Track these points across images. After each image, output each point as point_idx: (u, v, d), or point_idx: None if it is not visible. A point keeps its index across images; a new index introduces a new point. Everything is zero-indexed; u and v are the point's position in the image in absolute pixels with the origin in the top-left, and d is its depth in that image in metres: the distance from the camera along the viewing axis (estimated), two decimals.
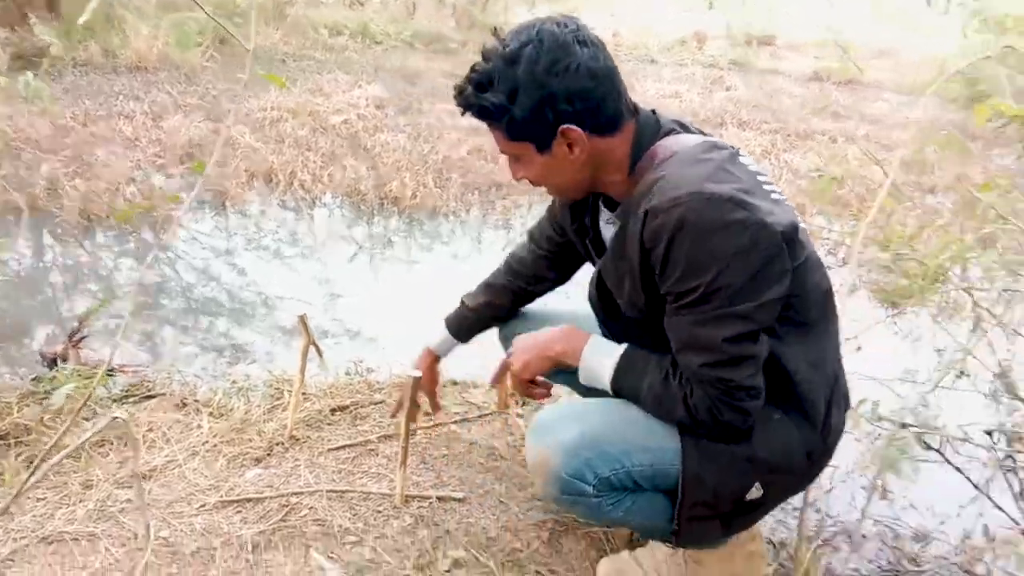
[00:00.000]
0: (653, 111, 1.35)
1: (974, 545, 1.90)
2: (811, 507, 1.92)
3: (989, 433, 2.39)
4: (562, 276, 1.75)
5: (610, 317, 1.45)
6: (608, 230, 1.45)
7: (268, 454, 1.92)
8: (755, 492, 1.31)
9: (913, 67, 7.84)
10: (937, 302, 2.21)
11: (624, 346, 1.37)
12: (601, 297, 1.44)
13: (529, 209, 4.15)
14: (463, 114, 1.30)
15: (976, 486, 2.19)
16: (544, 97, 1.22)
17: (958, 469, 2.25)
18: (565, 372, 1.47)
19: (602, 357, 1.37)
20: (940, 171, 4.93)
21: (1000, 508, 2.11)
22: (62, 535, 1.58)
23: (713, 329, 1.19)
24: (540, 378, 1.51)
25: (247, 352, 2.63)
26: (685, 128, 1.36)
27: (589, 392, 1.48)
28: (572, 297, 1.79)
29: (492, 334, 1.84)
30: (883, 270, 2.13)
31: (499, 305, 1.78)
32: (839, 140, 5.76)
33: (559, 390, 1.78)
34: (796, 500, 1.71)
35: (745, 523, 1.40)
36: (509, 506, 1.76)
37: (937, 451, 2.32)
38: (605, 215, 1.45)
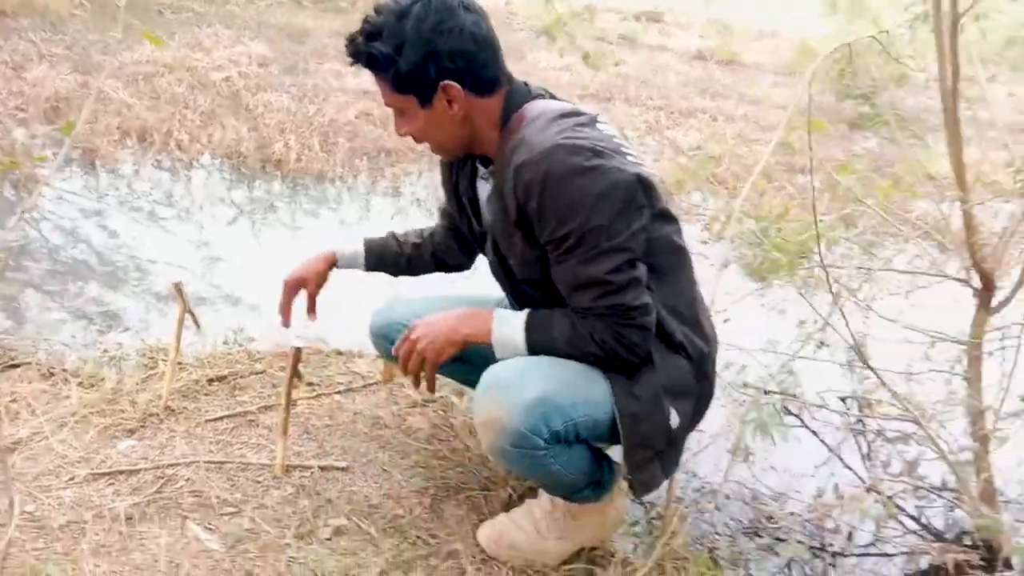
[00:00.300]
0: (525, 83, 1.47)
1: (825, 503, 2.05)
2: (679, 469, 2.04)
3: (843, 400, 2.60)
4: (468, 253, 1.81)
5: (513, 284, 1.53)
6: (484, 188, 1.55)
7: (142, 425, 1.86)
8: (675, 419, 1.41)
9: (792, 49, 8.20)
10: (803, 276, 2.36)
11: (526, 311, 1.45)
12: (501, 262, 1.51)
13: (419, 177, 4.12)
14: (352, 63, 1.39)
15: (830, 448, 2.38)
16: (428, 53, 1.32)
17: (814, 433, 2.43)
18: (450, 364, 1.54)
19: (510, 327, 1.43)
20: (809, 152, 5.21)
21: (850, 468, 2.30)
22: None
23: (595, 266, 1.31)
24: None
25: (119, 319, 2.52)
26: (552, 96, 1.48)
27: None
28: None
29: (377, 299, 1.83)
30: (753, 246, 2.26)
31: (419, 256, 1.83)
32: (719, 119, 5.99)
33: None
34: None
35: (674, 459, 1.51)
36: (392, 474, 1.78)
37: (796, 416, 2.50)
38: (481, 171, 1.56)
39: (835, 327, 2.18)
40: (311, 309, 1.83)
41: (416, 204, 3.78)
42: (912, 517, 2.12)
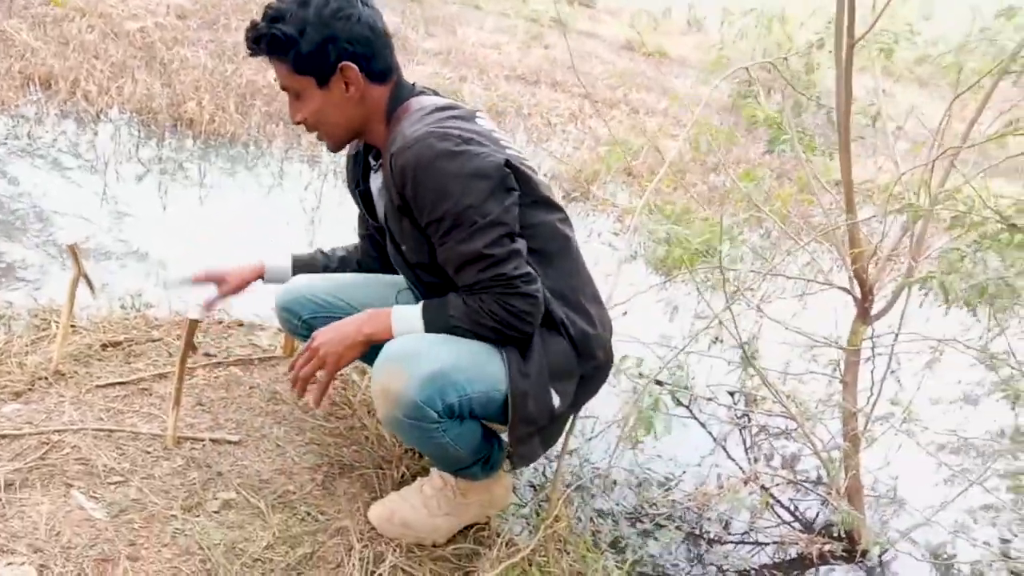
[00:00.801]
0: (412, 83, 1.57)
1: (706, 491, 2.17)
2: (571, 455, 2.12)
3: (731, 394, 2.73)
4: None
5: (412, 270, 1.58)
6: (376, 180, 1.62)
7: (29, 388, 1.81)
8: (556, 400, 1.47)
9: (717, 47, 8.41)
10: (703, 274, 2.46)
11: (421, 302, 1.50)
12: (397, 250, 1.57)
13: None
14: (251, 53, 1.45)
15: (715, 439, 2.51)
16: (328, 36, 1.41)
17: (702, 424, 2.56)
18: None
19: (408, 321, 1.48)
20: (723, 152, 5.38)
21: (733, 459, 2.43)
22: None
23: (472, 243, 1.38)
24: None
25: (18, 268, 2.43)
26: (436, 94, 1.58)
27: None
28: None
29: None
30: (659, 242, 2.34)
31: (345, 268, 1.89)
32: (640, 112, 6.10)
33: None
34: (556, 448, 1.88)
35: (554, 435, 1.58)
36: (286, 450, 1.79)
37: (687, 407, 2.62)
38: (372, 165, 1.63)
39: (727, 325, 2.29)
40: (212, 304, 1.88)
41: (334, 175, 3.73)
42: (786, 508, 2.26)
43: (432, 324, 1.47)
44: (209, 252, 2.66)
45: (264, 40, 1.42)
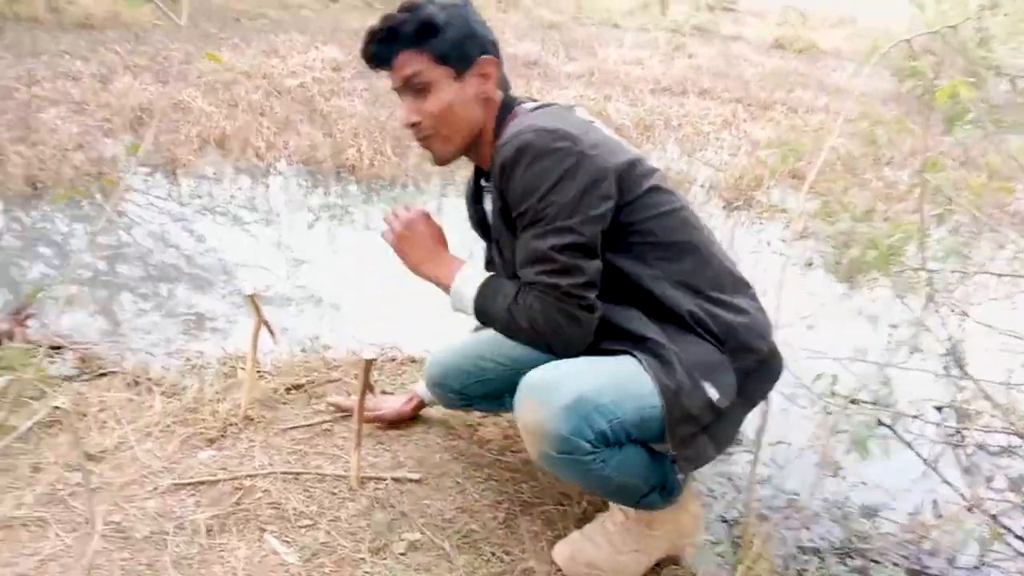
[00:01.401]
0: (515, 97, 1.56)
1: (922, 522, 1.94)
2: (763, 484, 1.96)
3: (939, 409, 2.45)
4: None
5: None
6: (488, 203, 1.61)
7: (222, 435, 1.88)
8: (712, 392, 1.37)
9: (871, 36, 7.89)
10: (893, 279, 2.24)
11: (488, 274, 1.50)
12: (504, 262, 1.57)
13: None
14: (377, 54, 1.45)
15: (926, 462, 2.25)
16: (471, 29, 1.44)
17: (909, 445, 2.30)
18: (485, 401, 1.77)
19: (469, 283, 1.49)
20: (893, 145, 4.99)
21: (949, 483, 2.17)
22: (11, 521, 1.54)
23: (544, 240, 1.34)
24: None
25: (208, 319, 2.59)
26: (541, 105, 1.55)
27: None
28: None
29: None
30: (838, 247, 2.15)
31: None
32: (799, 111, 5.79)
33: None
34: (746, 478, 1.74)
35: (727, 435, 1.46)
36: (466, 487, 1.75)
37: (889, 427, 2.37)
38: (485, 187, 1.61)
39: (932, 331, 2.05)
40: (369, 420, 1.92)
41: None
42: (1021, 538, 1.98)
43: (481, 303, 1.46)
44: (378, 293, 2.72)
45: (408, 26, 1.40)
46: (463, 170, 4.17)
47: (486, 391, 1.77)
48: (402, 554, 1.55)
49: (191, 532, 1.55)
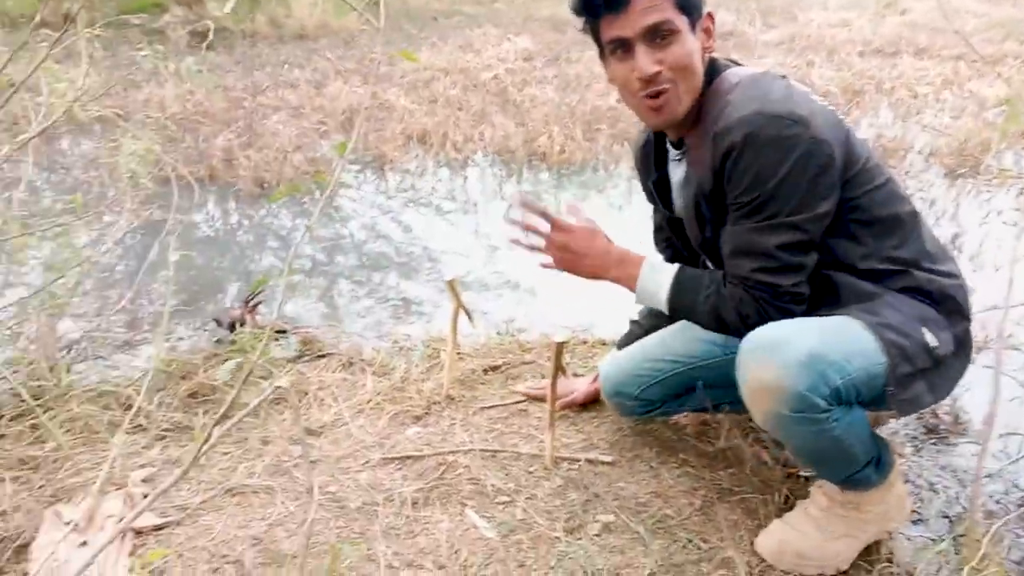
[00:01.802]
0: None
1: None
2: (992, 478, 1.77)
3: None
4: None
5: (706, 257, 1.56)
6: (677, 171, 1.54)
7: (426, 412, 1.99)
8: (931, 338, 1.32)
9: None
10: None
11: (676, 265, 1.46)
12: (686, 245, 1.58)
13: None
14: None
15: None
16: None
17: None
18: (687, 399, 1.74)
19: (658, 277, 1.45)
20: None
21: None
22: (244, 487, 1.72)
23: (768, 236, 1.29)
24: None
25: (414, 304, 2.75)
26: (737, 64, 1.47)
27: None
28: None
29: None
30: None
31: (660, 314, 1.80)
32: None
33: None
34: (972, 472, 1.57)
35: (943, 386, 1.39)
36: (659, 471, 1.74)
37: None
38: (673, 154, 1.55)
39: None
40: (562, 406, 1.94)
41: None
42: None
43: (678, 299, 1.43)
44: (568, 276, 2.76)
45: None
46: None
47: (665, 392, 1.74)
48: (596, 535, 1.56)
49: (399, 504, 1.66)
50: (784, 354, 1.24)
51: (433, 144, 4.25)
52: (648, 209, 1.82)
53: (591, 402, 1.98)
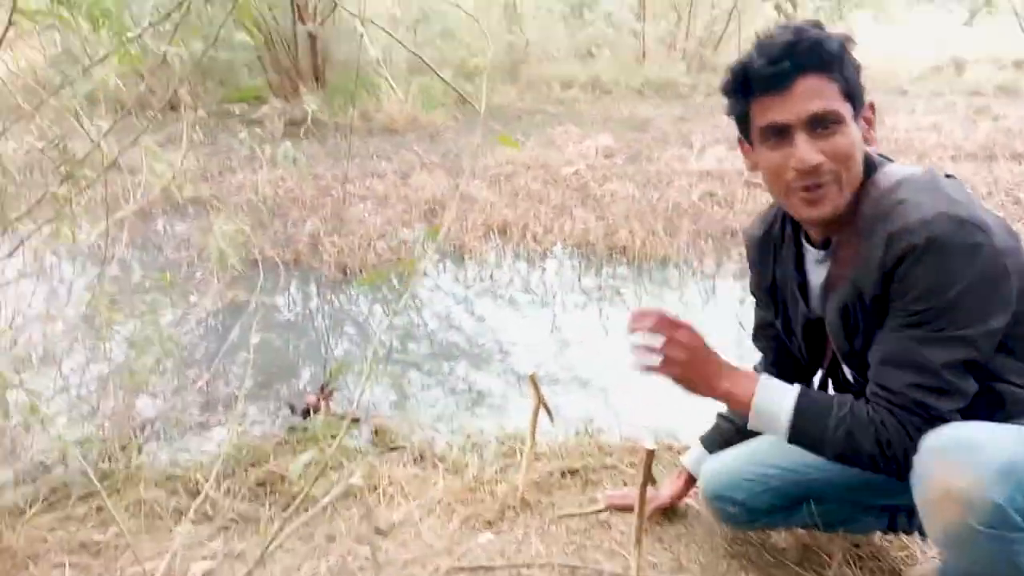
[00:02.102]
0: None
1: None
2: None
3: None
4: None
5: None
6: (817, 272, 1.39)
7: (500, 517, 1.88)
8: None
9: None
10: None
11: (798, 386, 1.29)
12: (811, 348, 1.43)
13: None
14: (772, 77, 1.20)
15: None
16: (860, 68, 1.24)
17: None
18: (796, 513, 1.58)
19: (776, 403, 1.28)
20: None
21: None
22: None
23: (935, 350, 1.16)
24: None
25: (486, 396, 2.68)
26: (889, 160, 1.34)
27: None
28: None
29: None
30: None
31: None
32: None
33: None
34: None
35: None
36: None
37: None
38: (813, 255, 1.39)
39: None
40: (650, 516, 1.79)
41: None
42: None
43: (803, 422, 1.25)
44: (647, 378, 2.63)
45: (818, 46, 1.19)
46: (739, 248, 4.01)
47: (773, 502, 1.58)
48: None
49: None
50: (979, 459, 1.08)
51: (513, 236, 4.25)
52: (731, 310, 1.71)
53: (677, 501, 1.83)
